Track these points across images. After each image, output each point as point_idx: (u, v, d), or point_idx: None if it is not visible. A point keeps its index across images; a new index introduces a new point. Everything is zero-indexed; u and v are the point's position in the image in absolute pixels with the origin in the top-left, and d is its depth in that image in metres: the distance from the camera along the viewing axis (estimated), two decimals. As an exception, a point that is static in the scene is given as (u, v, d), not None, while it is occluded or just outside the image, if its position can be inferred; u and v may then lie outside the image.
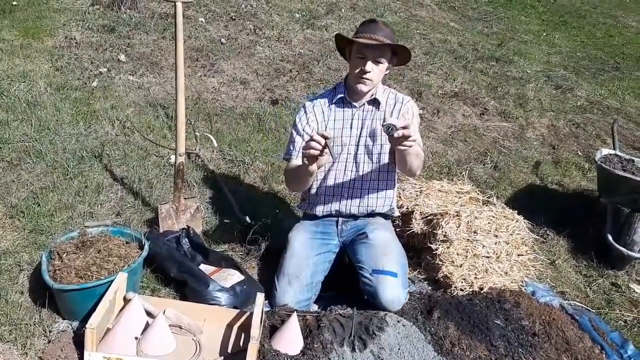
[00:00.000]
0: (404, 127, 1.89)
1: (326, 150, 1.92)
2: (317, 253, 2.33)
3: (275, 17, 5.75)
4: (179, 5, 2.37)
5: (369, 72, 2.16)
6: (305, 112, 2.37)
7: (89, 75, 4.08)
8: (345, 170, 2.35)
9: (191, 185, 3.13)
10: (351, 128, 2.32)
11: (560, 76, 5.72)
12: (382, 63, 2.18)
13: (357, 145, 2.32)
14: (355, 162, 2.34)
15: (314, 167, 2.00)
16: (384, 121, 2.00)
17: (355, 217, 2.43)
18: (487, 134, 4.39)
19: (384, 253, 2.24)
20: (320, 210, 2.41)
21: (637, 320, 2.55)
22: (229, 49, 4.89)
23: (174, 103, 2.60)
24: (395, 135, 1.89)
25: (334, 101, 2.34)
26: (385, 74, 2.30)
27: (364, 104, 2.32)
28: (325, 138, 1.88)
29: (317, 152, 1.91)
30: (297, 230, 2.41)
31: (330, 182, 2.36)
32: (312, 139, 1.91)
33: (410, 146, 1.94)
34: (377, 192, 2.39)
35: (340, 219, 2.43)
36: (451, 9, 7.52)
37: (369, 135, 2.32)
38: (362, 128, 2.32)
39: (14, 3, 5.02)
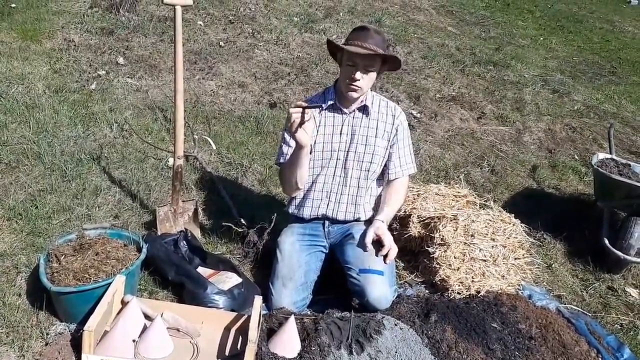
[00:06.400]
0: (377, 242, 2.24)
1: (308, 114, 1.96)
2: (307, 253, 2.35)
3: (274, 20, 5.77)
4: (179, 8, 2.38)
5: (359, 80, 2.16)
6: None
7: (87, 78, 4.08)
8: (334, 175, 2.35)
9: (189, 188, 3.13)
10: (341, 134, 2.32)
11: (557, 80, 5.74)
12: (371, 71, 2.19)
13: (347, 152, 2.32)
14: (344, 168, 2.34)
15: (304, 137, 2.01)
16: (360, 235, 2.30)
17: (341, 222, 2.44)
18: (485, 137, 4.40)
19: (371, 253, 2.26)
20: (307, 213, 2.41)
21: (633, 324, 2.57)
22: (228, 52, 4.90)
23: (172, 106, 2.60)
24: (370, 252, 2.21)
25: (324, 107, 2.32)
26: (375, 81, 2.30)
27: (354, 111, 2.32)
28: (300, 106, 1.95)
29: (299, 118, 1.95)
30: (286, 233, 2.42)
31: (318, 186, 2.36)
32: (289, 114, 1.97)
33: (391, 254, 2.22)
34: (364, 199, 2.39)
35: (327, 222, 2.44)
36: (449, 14, 7.55)
37: (360, 143, 2.32)
38: (352, 135, 2.32)
39: (13, 5, 5.02)
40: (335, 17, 6.22)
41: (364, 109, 2.32)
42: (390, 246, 2.22)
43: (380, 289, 2.17)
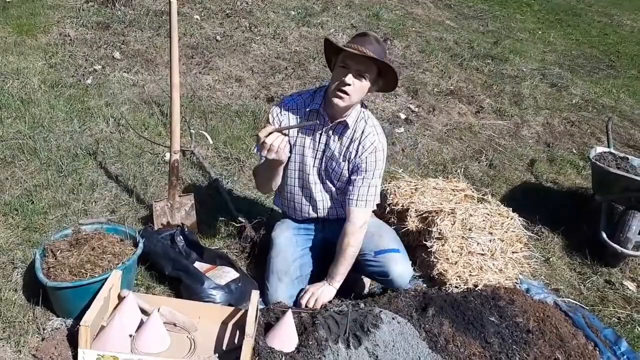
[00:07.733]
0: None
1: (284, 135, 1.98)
2: (302, 248, 2.35)
3: (271, 14, 5.74)
4: (174, 2, 2.36)
5: (349, 85, 1.99)
6: (280, 112, 2.23)
7: (83, 73, 4.06)
8: (315, 183, 2.29)
9: (186, 182, 3.12)
10: (319, 143, 2.22)
11: (555, 74, 5.73)
12: (364, 79, 2.02)
13: (321, 160, 2.24)
14: (319, 175, 2.28)
15: (283, 155, 2.01)
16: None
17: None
18: (483, 131, 4.40)
19: (379, 235, 2.28)
20: (299, 215, 2.39)
21: (631, 317, 2.57)
22: (224, 47, 4.87)
23: (168, 100, 2.59)
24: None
25: (307, 109, 2.20)
26: (367, 94, 2.14)
27: (334, 124, 2.18)
28: (276, 131, 1.94)
29: (283, 143, 1.94)
30: (280, 228, 2.40)
31: (298, 190, 2.33)
32: (265, 141, 1.92)
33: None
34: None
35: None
36: (447, 7, 7.52)
37: (330, 158, 2.23)
38: (325, 145, 2.22)
39: (8, 0, 4.98)
40: (332, 10, 6.19)
41: (343, 126, 2.17)
42: (311, 295, 2.20)
43: (403, 264, 2.23)
